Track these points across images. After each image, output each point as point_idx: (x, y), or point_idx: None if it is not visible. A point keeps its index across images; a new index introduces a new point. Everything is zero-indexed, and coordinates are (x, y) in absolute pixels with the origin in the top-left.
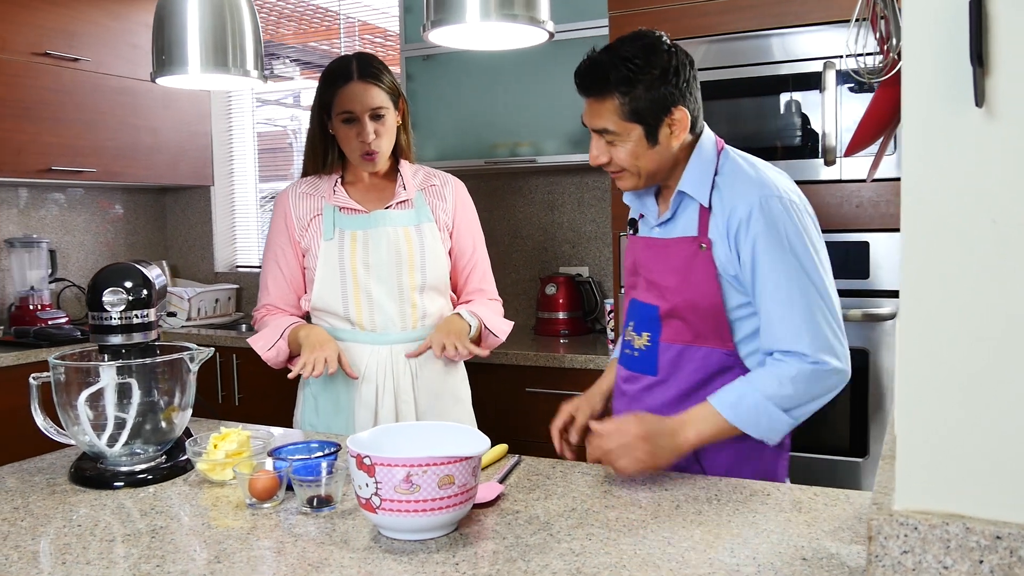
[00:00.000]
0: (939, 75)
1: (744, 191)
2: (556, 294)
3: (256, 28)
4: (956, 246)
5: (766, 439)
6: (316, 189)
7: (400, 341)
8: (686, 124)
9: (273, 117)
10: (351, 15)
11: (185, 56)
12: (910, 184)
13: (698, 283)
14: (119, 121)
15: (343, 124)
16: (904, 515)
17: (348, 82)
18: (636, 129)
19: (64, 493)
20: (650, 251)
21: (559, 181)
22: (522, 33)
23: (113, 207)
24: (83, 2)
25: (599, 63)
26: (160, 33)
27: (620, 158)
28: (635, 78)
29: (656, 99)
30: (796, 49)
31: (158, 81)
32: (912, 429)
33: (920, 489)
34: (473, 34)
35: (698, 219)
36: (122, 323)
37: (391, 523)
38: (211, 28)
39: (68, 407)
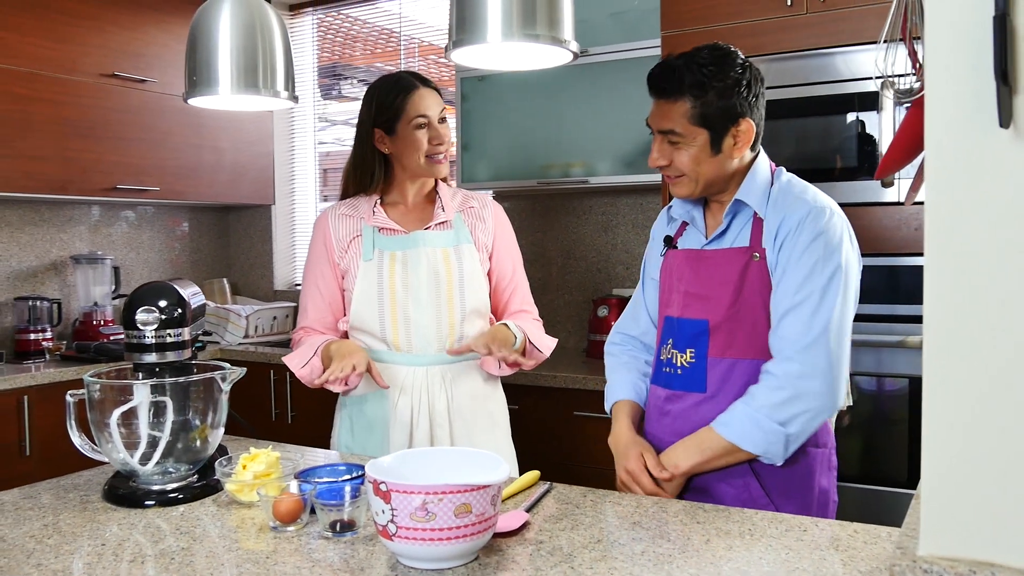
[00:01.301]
0: (962, 94)
1: (797, 203)
2: (608, 316)
3: (287, 49)
4: (982, 274)
5: (768, 455)
6: (355, 211)
7: (436, 363)
8: (750, 137)
9: (339, 137)
10: (412, 35)
11: (216, 77)
12: (933, 209)
13: (753, 294)
14: (183, 141)
15: (415, 130)
16: (928, 561)
17: (416, 89)
18: (702, 134)
19: (95, 511)
20: (697, 264)
21: (613, 202)
22: (545, 53)
23: (180, 225)
24: (151, 24)
25: (674, 66)
26: (192, 54)
27: (681, 162)
28: (708, 84)
29: (726, 107)
30: (849, 69)
31: (190, 102)
32: (937, 469)
33: (946, 534)
34: (495, 54)
35: (751, 229)
36: (156, 342)
37: (407, 551)
38: (242, 49)
39: (102, 424)
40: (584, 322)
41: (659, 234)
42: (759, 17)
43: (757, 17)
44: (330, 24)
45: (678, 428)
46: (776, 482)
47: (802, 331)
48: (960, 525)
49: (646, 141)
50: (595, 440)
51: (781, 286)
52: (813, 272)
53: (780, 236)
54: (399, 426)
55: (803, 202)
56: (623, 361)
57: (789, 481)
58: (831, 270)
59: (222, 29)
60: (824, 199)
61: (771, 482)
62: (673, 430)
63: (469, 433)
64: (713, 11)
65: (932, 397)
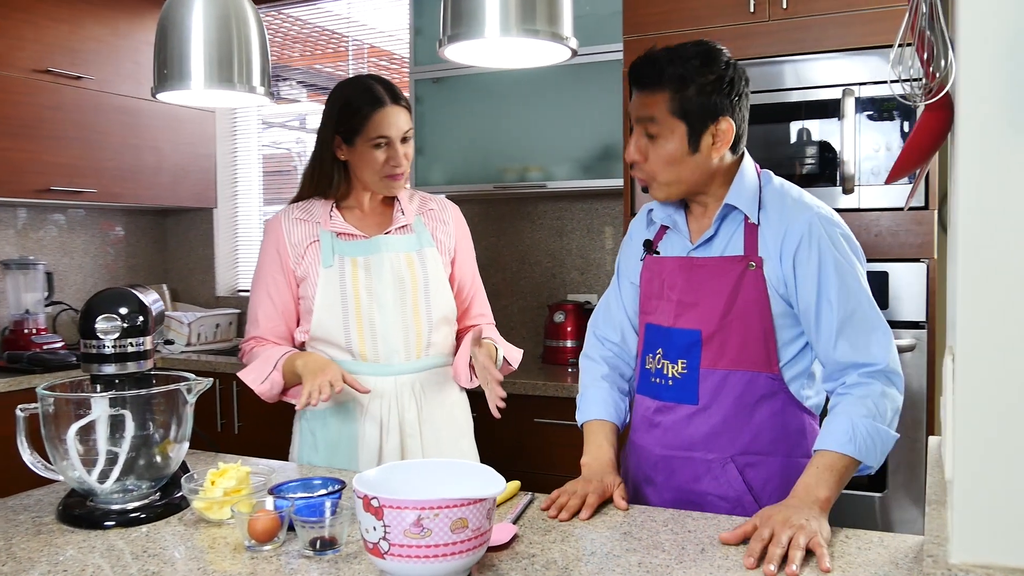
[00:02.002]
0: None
1: (797, 209)
2: (565, 322)
3: (264, 42)
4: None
5: (877, 464)
6: (310, 215)
7: (404, 372)
8: (730, 137)
9: (278, 140)
10: (359, 38)
11: (188, 70)
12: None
13: (748, 303)
14: (121, 141)
15: (373, 149)
16: (963, 569)
17: (382, 107)
18: (680, 127)
19: (51, 533)
20: (688, 272)
21: (568, 207)
22: (543, 50)
23: (114, 229)
24: (87, 18)
25: (657, 58)
26: (163, 46)
27: (657, 160)
28: (690, 77)
29: (706, 104)
30: (810, 76)
31: (159, 97)
32: (970, 476)
33: (980, 541)
34: (492, 51)
35: (744, 237)
36: (116, 351)
37: (399, 570)
38: (216, 41)
39: (57, 440)
40: (539, 327)
41: (637, 235)
42: (722, 23)
43: (720, 23)
44: (269, 24)
45: (668, 440)
46: (770, 491)
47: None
48: (994, 532)
49: (604, 146)
50: (557, 447)
51: (825, 301)
52: (849, 277)
53: (789, 246)
54: (368, 438)
55: (801, 208)
56: (604, 373)
57: (783, 490)
58: (857, 268)
59: (195, 19)
60: (812, 198)
61: (764, 493)
62: (664, 442)
63: (438, 443)
64: (676, 16)
65: (963, 404)
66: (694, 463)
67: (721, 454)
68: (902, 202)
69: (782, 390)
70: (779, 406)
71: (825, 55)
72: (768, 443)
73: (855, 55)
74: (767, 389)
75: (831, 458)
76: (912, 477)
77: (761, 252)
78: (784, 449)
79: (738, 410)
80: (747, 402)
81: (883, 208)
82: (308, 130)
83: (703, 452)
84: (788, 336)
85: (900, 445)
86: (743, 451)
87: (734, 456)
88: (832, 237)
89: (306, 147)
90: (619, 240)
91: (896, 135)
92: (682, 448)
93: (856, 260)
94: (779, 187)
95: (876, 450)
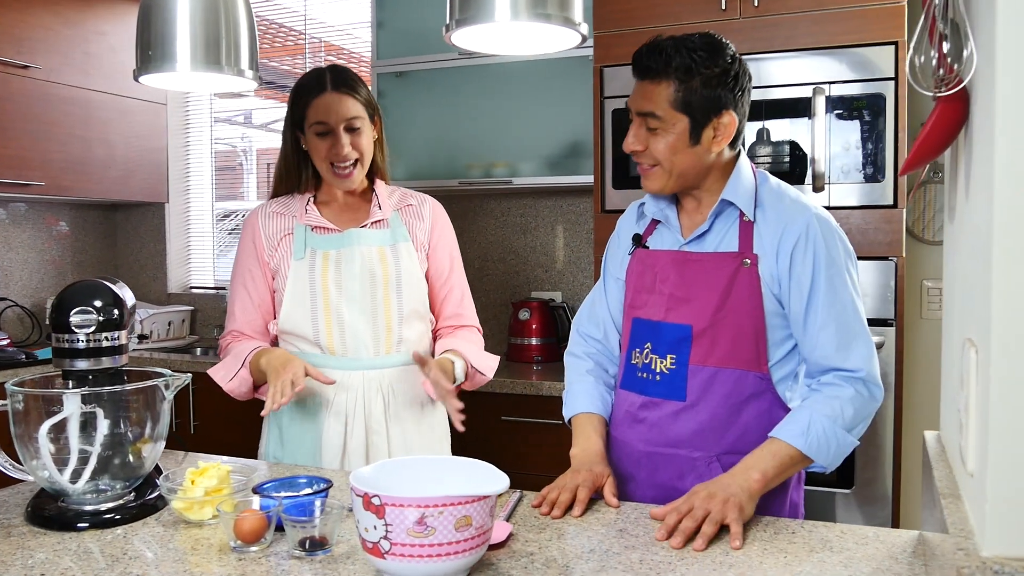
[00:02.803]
0: None
1: (796, 209)
2: (530, 319)
3: (252, 24)
4: None
5: (831, 465)
6: (287, 208)
7: (373, 367)
8: (732, 131)
9: (224, 136)
10: (315, 35)
11: (174, 52)
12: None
13: (740, 301)
14: (70, 133)
15: (316, 137)
16: (997, 561)
17: (321, 93)
18: (683, 121)
19: (21, 536)
20: (681, 266)
21: (533, 204)
22: (553, 35)
23: (58, 224)
24: (37, 7)
25: (663, 47)
26: (146, 26)
27: (657, 149)
28: (696, 69)
29: (710, 96)
30: (781, 74)
31: (142, 80)
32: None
33: (1014, 533)
34: (501, 36)
35: (739, 233)
36: (90, 346)
37: (401, 570)
38: (203, 22)
39: (27, 439)
40: (503, 325)
41: (626, 230)
42: (693, 20)
43: (691, 20)
44: None
45: (653, 437)
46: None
47: (852, 341)
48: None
49: (571, 143)
50: (525, 444)
51: (814, 301)
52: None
53: (787, 244)
54: (332, 434)
55: (799, 207)
56: (588, 368)
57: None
58: (850, 271)
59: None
60: (808, 198)
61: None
62: (648, 439)
63: (406, 442)
64: (646, 12)
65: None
66: (678, 460)
67: (706, 452)
68: (871, 200)
69: (769, 390)
70: (765, 406)
71: (796, 53)
72: (753, 443)
73: (826, 54)
74: (755, 388)
75: (778, 446)
76: (878, 474)
77: (757, 250)
78: None
79: (725, 408)
80: (734, 401)
81: (852, 206)
82: (254, 126)
83: (688, 450)
84: (779, 336)
85: (867, 443)
86: (728, 450)
87: (719, 455)
88: (829, 240)
89: (251, 144)
90: (584, 237)
91: (866, 133)
92: (667, 445)
93: (850, 265)
94: (776, 186)
95: (830, 451)
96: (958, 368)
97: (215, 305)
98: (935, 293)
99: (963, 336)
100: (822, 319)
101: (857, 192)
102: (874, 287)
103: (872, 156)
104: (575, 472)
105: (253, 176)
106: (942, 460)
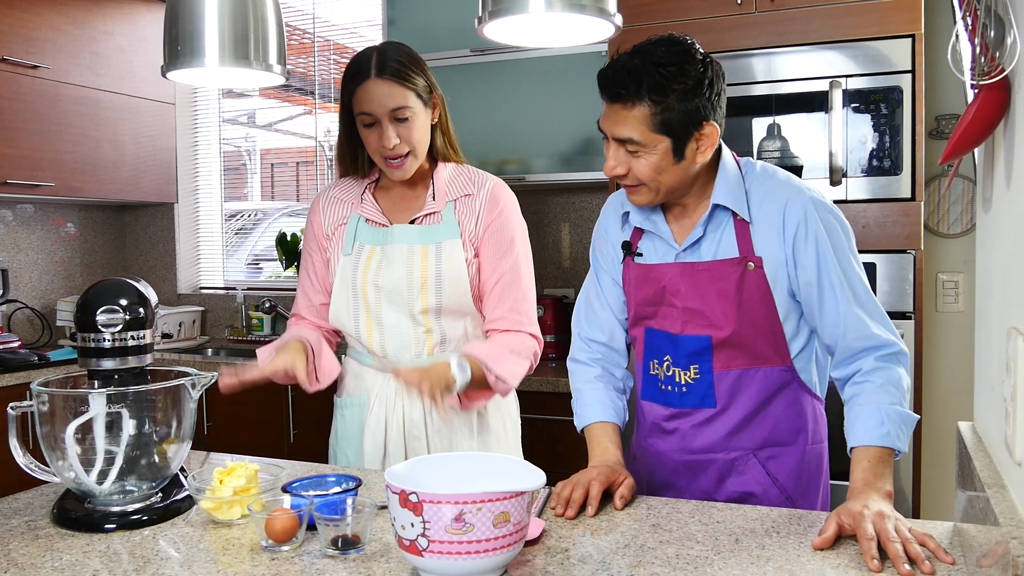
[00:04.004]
0: None
1: (788, 194)
2: (544, 316)
3: (279, 18)
4: None
5: (905, 450)
6: (348, 194)
7: None
8: (715, 140)
9: (230, 137)
10: (323, 35)
11: (202, 47)
12: None
13: (753, 304)
14: (80, 133)
15: (364, 128)
16: None
17: (364, 80)
18: (663, 142)
19: (49, 538)
20: (689, 278)
21: (545, 201)
22: (587, 26)
23: (65, 225)
24: (45, 7)
25: (630, 68)
26: (174, 21)
27: (640, 171)
28: (669, 87)
29: (688, 111)
30: (797, 68)
31: (170, 75)
32: None
33: None
34: (534, 28)
35: (736, 235)
36: (116, 345)
37: (439, 567)
38: (231, 17)
39: (52, 440)
40: None
41: (613, 233)
42: (710, 15)
43: (708, 15)
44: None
45: (687, 445)
46: (793, 481)
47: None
48: None
49: (584, 139)
50: (543, 442)
51: (828, 284)
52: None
53: (789, 233)
54: (371, 436)
55: (792, 191)
56: (597, 374)
57: (805, 478)
58: (853, 249)
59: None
60: (797, 179)
61: (789, 483)
62: (682, 447)
63: (451, 446)
64: (663, 7)
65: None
66: (717, 463)
67: (743, 451)
68: (889, 194)
69: (795, 380)
70: (793, 395)
71: (811, 47)
72: (787, 433)
73: (842, 47)
74: (781, 381)
75: (876, 451)
76: (896, 467)
77: (758, 250)
78: (803, 438)
79: (756, 406)
80: (764, 397)
81: (870, 199)
82: (257, 126)
83: (724, 452)
84: (794, 327)
85: None
86: (763, 443)
87: (755, 451)
88: (827, 223)
89: (255, 145)
90: None
91: (883, 127)
92: (703, 452)
93: (852, 243)
94: (762, 173)
95: (905, 435)
96: (999, 357)
97: (226, 305)
98: (951, 286)
99: (1005, 325)
100: (843, 304)
101: (874, 186)
102: (892, 281)
103: (889, 150)
104: (590, 469)
105: (257, 177)
106: (981, 450)
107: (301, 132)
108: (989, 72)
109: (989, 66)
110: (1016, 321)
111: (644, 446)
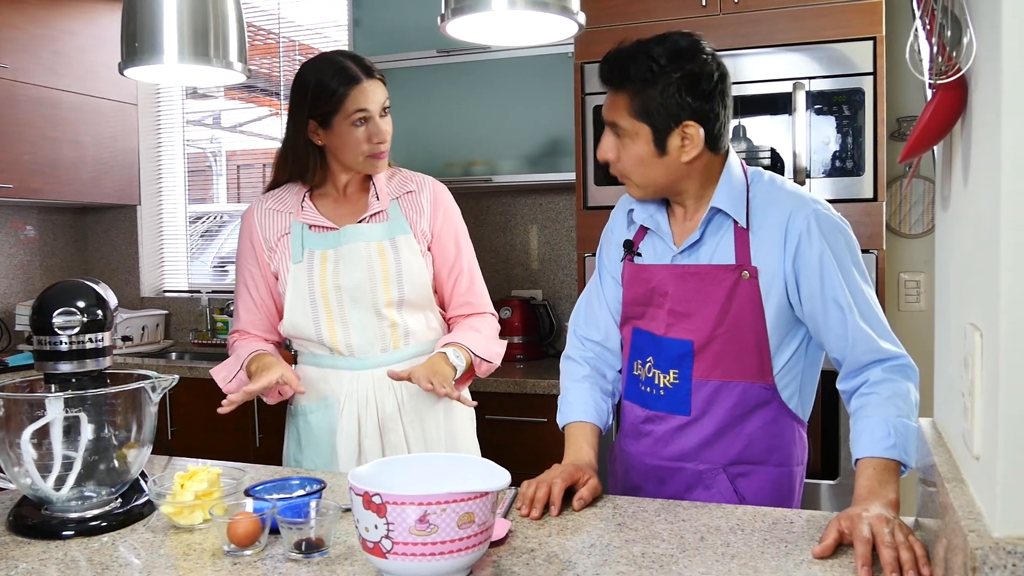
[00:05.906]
0: None
1: (793, 205)
2: (511, 318)
3: (240, 15)
4: None
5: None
6: (283, 204)
7: (382, 364)
8: (699, 141)
9: (194, 138)
10: (288, 35)
11: (161, 44)
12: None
13: (741, 314)
14: (39, 133)
15: (352, 127)
16: (1010, 542)
17: (359, 82)
18: (644, 129)
19: (4, 546)
20: (679, 280)
21: (512, 202)
22: (551, 25)
23: (24, 228)
24: (3, 5)
25: (622, 55)
26: (132, 17)
27: (626, 160)
28: (652, 78)
29: (669, 105)
30: (761, 70)
31: (127, 73)
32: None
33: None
34: (497, 26)
35: (735, 242)
36: (73, 348)
37: (404, 569)
38: (190, 13)
39: (8, 445)
40: None
41: (618, 232)
42: (673, 17)
43: (671, 16)
44: None
45: (658, 450)
46: (761, 501)
47: (885, 329)
48: None
49: (551, 140)
50: (507, 444)
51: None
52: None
53: (791, 244)
54: (345, 435)
55: (797, 202)
56: (585, 373)
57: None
58: (860, 261)
59: None
60: (804, 191)
61: (756, 503)
62: (653, 452)
63: (426, 435)
64: (627, 9)
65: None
66: (685, 473)
67: (712, 464)
68: (851, 194)
69: (775, 399)
70: (771, 415)
71: (775, 49)
72: (760, 452)
73: (805, 49)
74: (760, 399)
75: (882, 462)
76: None
77: (756, 260)
78: (776, 459)
79: (731, 420)
80: (740, 412)
81: (832, 200)
82: (223, 128)
83: (694, 463)
84: (779, 342)
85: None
86: (735, 461)
87: (726, 466)
88: (831, 237)
89: (220, 146)
90: (565, 235)
91: (845, 128)
92: (672, 459)
93: (857, 255)
94: (769, 183)
95: (913, 450)
96: (958, 353)
97: (190, 309)
98: (912, 286)
99: (963, 321)
100: (849, 316)
101: (837, 187)
102: None
103: (851, 151)
104: (555, 467)
105: (223, 179)
106: (940, 445)
107: (267, 134)
108: (947, 71)
109: (947, 65)
110: (974, 317)
111: (622, 446)
